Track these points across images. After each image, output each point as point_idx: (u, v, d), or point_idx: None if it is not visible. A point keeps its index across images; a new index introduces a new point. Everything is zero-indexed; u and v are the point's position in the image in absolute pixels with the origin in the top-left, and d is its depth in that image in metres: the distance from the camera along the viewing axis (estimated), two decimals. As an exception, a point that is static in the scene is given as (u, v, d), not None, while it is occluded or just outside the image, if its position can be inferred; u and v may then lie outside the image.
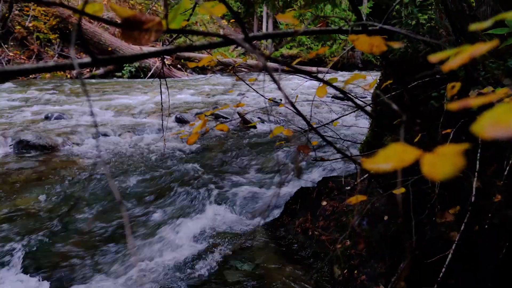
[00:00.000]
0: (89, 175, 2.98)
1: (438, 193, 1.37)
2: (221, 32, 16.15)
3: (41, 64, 0.43)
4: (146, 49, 10.53)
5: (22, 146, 3.73)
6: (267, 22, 16.28)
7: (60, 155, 3.62)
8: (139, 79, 10.63)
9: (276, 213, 2.55)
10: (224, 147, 3.88)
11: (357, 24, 0.80)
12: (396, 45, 0.50)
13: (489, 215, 1.35)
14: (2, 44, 10.93)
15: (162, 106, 2.19)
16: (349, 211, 2.18)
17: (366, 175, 1.67)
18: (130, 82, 9.73)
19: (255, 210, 2.59)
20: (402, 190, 1.06)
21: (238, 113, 4.75)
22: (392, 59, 1.72)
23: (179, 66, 12.42)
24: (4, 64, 10.52)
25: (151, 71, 10.69)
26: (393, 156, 0.29)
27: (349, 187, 2.05)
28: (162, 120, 2.51)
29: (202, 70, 12.59)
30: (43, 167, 3.28)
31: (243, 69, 12.54)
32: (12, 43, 11.17)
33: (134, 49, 11.75)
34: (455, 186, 1.48)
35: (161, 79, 2.26)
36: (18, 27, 11.22)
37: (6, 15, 10.89)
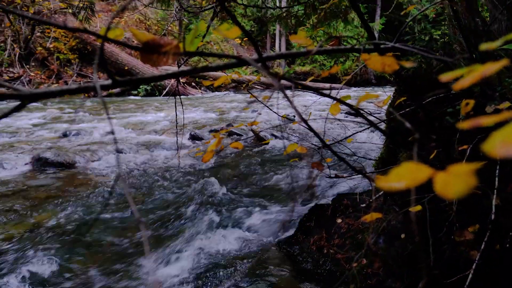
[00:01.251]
0: (110, 193, 3.02)
1: (456, 210, 1.35)
2: (234, 50, 16.43)
3: (65, 87, 0.45)
4: (165, 68, 10.75)
5: (41, 163, 3.82)
6: (279, 40, 16.49)
7: (77, 172, 3.69)
8: (154, 97, 10.83)
9: (291, 230, 2.52)
10: (237, 164, 3.89)
11: (369, 43, 0.81)
12: (408, 64, 0.51)
13: (510, 233, 1.32)
14: (24, 64, 11.34)
15: (176, 123, 2.22)
16: (365, 229, 2.14)
17: (382, 193, 1.65)
18: (146, 100, 9.92)
19: (269, 227, 2.57)
20: (418, 207, 1.05)
21: (252, 130, 4.78)
22: (405, 76, 1.72)
23: (193, 83, 12.63)
24: (25, 84, 10.88)
25: (166, 89, 10.89)
26: (406, 175, 0.30)
27: (364, 205, 2.02)
28: (177, 138, 2.54)
29: (216, 88, 12.76)
30: (61, 184, 3.34)
31: (256, 86, 12.66)
32: (33, 64, 11.58)
33: (150, 68, 12.02)
34: (473, 203, 1.45)
35: (176, 97, 2.31)
36: (39, 48, 11.65)
37: (29, 37, 11.34)
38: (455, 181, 0.25)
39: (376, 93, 1.00)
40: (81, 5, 3.67)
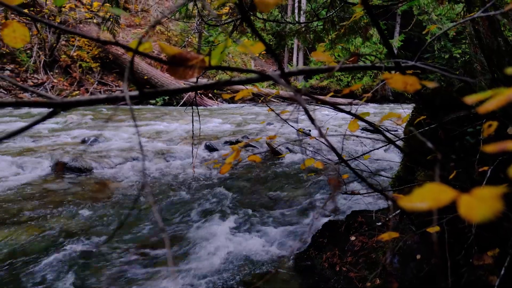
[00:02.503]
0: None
1: (475, 233, 1.31)
2: (252, 63, 16.58)
3: (94, 97, 0.47)
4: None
5: (59, 168, 3.90)
6: (297, 54, 16.59)
7: (94, 178, 3.75)
8: (171, 107, 10.99)
9: (303, 245, 2.50)
10: (252, 177, 3.90)
11: (390, 61, 0.82)
12: (430, 84, 0.51)
13: (532, 259, 1.27)
14: (48, 71, 11.71)
15: (193, 133, 2.25)
16: (379, 248, 2.10)
17: (398, 211, 1.62)
18: (163, 109, 10.07)
19: (281, 241, 2.55)
20: (437, 228, 1.02)
21: (267, 144, 4.78)
22: (425, 94, 1.71)
23: (210, 94, 12.77)
24: (48, 90, 11.21)
25: (184, 99, 11.05)
26: (429, 196, 0.30)
27: (380, 223, 1.99)
28: (192, 148, 2.57)
29: (232, 99, 12.87)
30: (78, 189, 3.41)
31: (273, 99, 12.71)
32: (56, 71, 11.94)
33: (168, 78, 12.24)
34: (493, 226, 1.41)
35: (193, 108, 2.34)
36: (63, 56, 12.02)
37: (54, 45, 11.72)
38: (481, 204, 0.25)
39: (397, 112, 1.00)
40: (107, 16, 3.79)
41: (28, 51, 11.48)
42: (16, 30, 0.70)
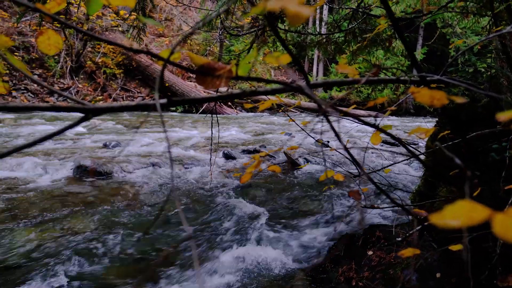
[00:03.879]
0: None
1: (499, 253, 1.27)
2: (272, 73, 16.64)
3: (124, 103, 0.48)
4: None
5: (81, 171, 3.99)
6: (317, 65, 16.58)
7: (113, 182, 3.82)
8: (191, 114, 11.13)
9: (319, 258, 2.47)
10: (269, 186, 3.89)
11: (415, 75, 0.81)
12: (459, 100, 0.50)
13: (560, 283, 1.22)
14: (74, 76, 12.07)
15: (211, 141, 2.27)
16: (397, 264, 2.05)
17: (419, 227, 1.59)
18: (183, 117, 10.21)
19: (296, 252, 2.52)
20: (459, 247, 1.00)
21: (285, 154, 4.77)
22: (450, 108, 1.68)
23: (229, 103, 12.87)
24: (73, 94, 11.54)
25: (203, 107, 11.17)
26: (461, 213, 0.29)
27: (400, 238, 1.95)
28: (211, 155, 2.59)
29: (251, 108, 12.94)
30: (97, 192, 3.47)
31: (292, 110, 12.70)
32: (82, 76, 12.30)
33: (189, 86, 12.42)
34: (519, 247, 1.36)
35: (212, 116, 2.36)
36: (89, 62, 12.38)
37: (81, 51, 12.10)
38: (517, 224, 0.24)
39: (418, 125, 0.99)
40: (134, 24, 3.90)
41: (56, 57, 11.88)
42: (50, 37, 0.73)
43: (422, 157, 2.19)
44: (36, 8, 0.46)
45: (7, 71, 10.28)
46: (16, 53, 11.06)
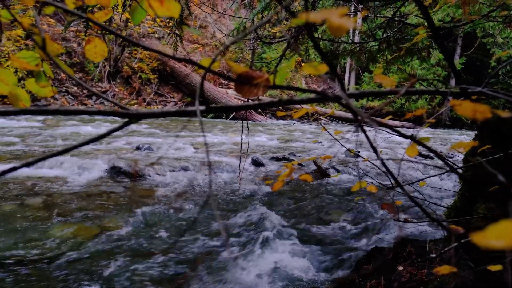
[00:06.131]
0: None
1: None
2: (303, 81, 16.58)
3: (165, 109, 0.50)
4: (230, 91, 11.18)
5: (114, 172, 4.13)
6: (349, 74, 16.37)
7: (145, 183, 3.92)
8: (221, 120, 11.27)
9: (346, 270, 2.41)
10: (297, 195, 3.86)
11: (456, 86, 0.79)
12: (504, 114, 0.49)
13: None
14: (111, 80, 12.56)
15: (241, 147, 2.29)
16: (430, 281, 1.97)
17: (455, 244, 1.52)
18: (214, 122, 10.35)
19: (324, 264, 2.48)
20: (499, 267, 0.95)
21: (315, 163, 4.73)
22: (491, 122, 1.61)
23: (259, 110, 12.93)
24: (110, 98, 12.00)
25: (233, 113, 11.29)
26: (506, 234, 0.28)
27: (434, 255, 1.88)
28: (240, 161, 2.61)
29: (282, 116, 12.93)
30: (130, 193, 3.58)
31: (322, 118, 12.58)
32: (118, 80, 12.78)
33: (220, 92, 12.59)
34: None
35: (243, 122, 2.38)
36: (125, 67, 12.85)
37: (119, 56, 12.58)
38: None
39: (454, 138, 0.95)
40: (172, 31, 4.02)
41: (95, 62, 12.42)
42: (97, 45, 0.77)
43: (459, 171, 2.10)
44: (88, 17, 0.49)
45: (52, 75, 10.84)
46: (60, 57, 11.66)
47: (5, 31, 10.52)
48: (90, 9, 3.30)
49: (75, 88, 11.47)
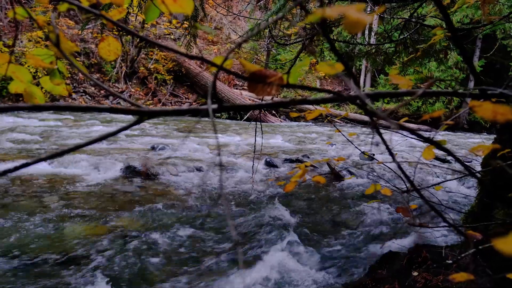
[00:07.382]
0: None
1: None
2: (318, 82, 16.50)
3: (177, 107, 0.50)
4: (249, 95, 11.20)
5: (129, 171, 4.18)
6: (365, 75, 16.20)
7: (159, 183, 3.96)
8: (235, 121, 11.30)
9: (358, 273, 2.38)
10: (310, 197, 3.83)
11: (475, 88, 0.76)
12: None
13: None
14: (127, 81, 12.74)
15: (254, 149, 2.28)
16: (445, 288, 1.93)
17: (473, 250, 1.48)
18: (228, 123, 10.39)
19: (337, 267, 2.45)
20: (519, 275, 0.91)
21: (329, 165, 4.69)
22: (510, 124, 1.56)
23: (273, 111, 12.91)
24: (126, 98, 12.18)
25: (247, 114, 11.30)
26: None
27: (450, 261, 1.83)
28: (253, 162, 2.60)
29: (295, 118, 12.89)
30: (144, 193, 3.61)
31: (336, 120, 12.49)
32: (134, 81, 12.96)
33: (235, 93, 12.63)
34: None
35: (257, 123, 2.37)
36: (142, 68, 13.02)
37: (135, 57, 12.76)
38: None
39: (472, 141, 0.92)
40: (187, 32, 4.05)
41: (112, 63, 12.62)
42: (111, 44, 0.77)
43: (477, 175, 2.05)
44: (101, 14, 0.49)
45: (69, 75, 11.07)
46: (78, 58, 11.89)
47: (26, 32, 10.79)
48: (105, 8, 3.35)
49: (93, 88, 11.68)
